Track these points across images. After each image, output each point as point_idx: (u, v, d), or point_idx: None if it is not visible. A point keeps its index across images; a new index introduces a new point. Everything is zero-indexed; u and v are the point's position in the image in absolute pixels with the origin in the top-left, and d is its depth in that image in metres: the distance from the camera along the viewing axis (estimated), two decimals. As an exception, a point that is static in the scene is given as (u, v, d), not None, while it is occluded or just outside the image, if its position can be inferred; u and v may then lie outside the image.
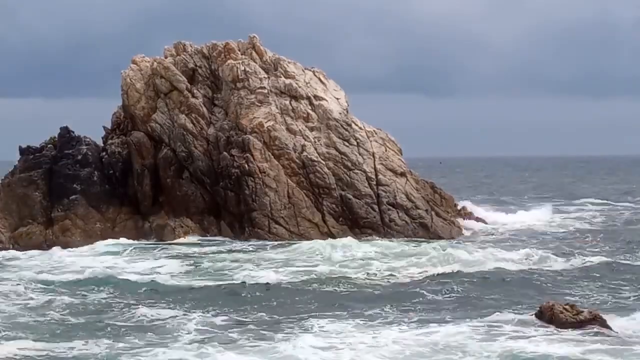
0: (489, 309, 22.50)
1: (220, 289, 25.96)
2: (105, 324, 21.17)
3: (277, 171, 37.95)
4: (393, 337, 19.44)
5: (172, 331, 20.31)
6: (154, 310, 22.57)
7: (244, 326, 20.78)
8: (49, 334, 20.26)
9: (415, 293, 24.88)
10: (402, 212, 38.66)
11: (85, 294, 25.28)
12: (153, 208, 39.03)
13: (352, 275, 28.17)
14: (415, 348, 18.56)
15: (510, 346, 18.52)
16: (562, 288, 25.61)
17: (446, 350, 18.45)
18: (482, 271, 28.41)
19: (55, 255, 34.07)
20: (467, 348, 18.47)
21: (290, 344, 18.62)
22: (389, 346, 18.68)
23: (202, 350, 18.30)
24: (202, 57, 41.07)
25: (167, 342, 19.33)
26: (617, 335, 19.19)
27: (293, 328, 20.52)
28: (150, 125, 39.74)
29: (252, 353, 18.17)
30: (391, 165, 39.99)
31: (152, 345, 18.96)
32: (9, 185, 39.27)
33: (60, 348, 18.92)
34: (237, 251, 33.86)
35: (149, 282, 27.30)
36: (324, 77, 42.02)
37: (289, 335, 19.60)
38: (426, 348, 18.56)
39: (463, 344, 18.76)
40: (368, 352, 18.21)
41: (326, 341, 19.05)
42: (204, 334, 19.96)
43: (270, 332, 20.00)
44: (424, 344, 18.81)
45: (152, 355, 18.14)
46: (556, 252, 32.59)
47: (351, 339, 19.21)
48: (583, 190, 73.93)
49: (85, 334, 20.09)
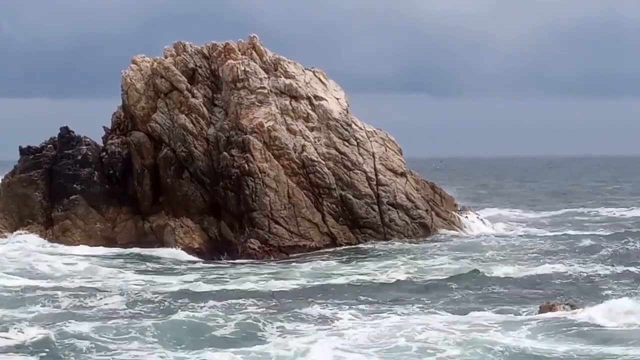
0: (488, 306, 22.55)
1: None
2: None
3: (277, 171, 37.96)
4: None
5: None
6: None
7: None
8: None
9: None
10: (402, 212, 38.69)
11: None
12: (153, 208, 39.04)
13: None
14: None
15: (510, 344, 18.54)
16: (563, 288, 25.63)
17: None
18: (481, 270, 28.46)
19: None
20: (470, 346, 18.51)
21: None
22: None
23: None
24: (202, 57, 41.07)
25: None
26: (616, 334, 19.22)
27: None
28: (150, 125, 39.74)
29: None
30: (391, 165, 40.01)
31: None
32: (9, 186, 39.31)
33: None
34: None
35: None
36: (324, 77, 42.03)
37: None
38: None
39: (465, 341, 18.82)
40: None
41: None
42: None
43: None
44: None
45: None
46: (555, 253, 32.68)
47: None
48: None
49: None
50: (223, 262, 34.61)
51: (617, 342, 18.48)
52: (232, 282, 28.56)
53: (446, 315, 21.74)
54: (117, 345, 18.89)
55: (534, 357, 17.77)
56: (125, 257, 34.74)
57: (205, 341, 19.34)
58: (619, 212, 52.86)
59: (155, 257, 34.85)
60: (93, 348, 18.59)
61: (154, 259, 34.58)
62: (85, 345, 18.68)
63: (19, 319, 21.52)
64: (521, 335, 19.19)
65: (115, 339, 19.36)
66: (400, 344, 18.71)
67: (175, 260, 34.53)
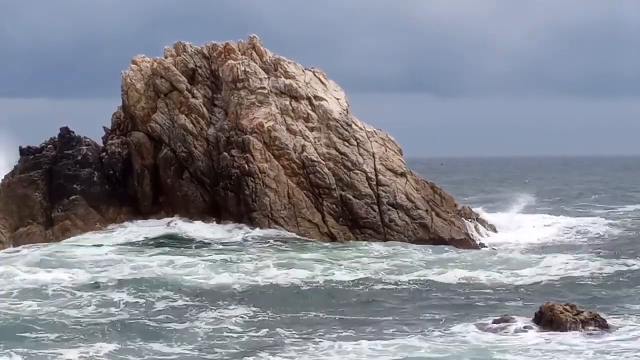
0: (488, 308, 22.52)
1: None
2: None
3: (277, 171, 37.94)
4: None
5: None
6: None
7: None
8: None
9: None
10: (402, 213, 38.65)
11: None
12: (153, 208, 39.03)
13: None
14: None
15: (510, 345, 18.54)
16: (563, 288, 25.62)
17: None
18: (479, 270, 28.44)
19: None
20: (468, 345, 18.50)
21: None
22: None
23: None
24: (202, 58, 41.05)
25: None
26: (616, 335, 19.19)
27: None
28: (150, 126, 39.73)
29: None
30: (391, 165, 39.98)
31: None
32: (8, 186, 39.27)
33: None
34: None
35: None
36: (324, 77, 42.00)
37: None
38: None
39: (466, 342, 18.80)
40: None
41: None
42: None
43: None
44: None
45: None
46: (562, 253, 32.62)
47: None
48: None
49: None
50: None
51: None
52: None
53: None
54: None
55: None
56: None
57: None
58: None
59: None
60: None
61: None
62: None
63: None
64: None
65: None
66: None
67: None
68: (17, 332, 20.26)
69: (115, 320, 21.49)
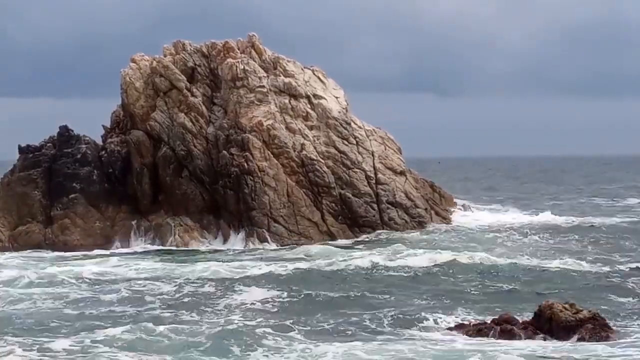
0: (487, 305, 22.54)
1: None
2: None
3: (276, 170, 37.95)
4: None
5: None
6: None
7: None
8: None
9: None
10: (402, 211, 38.69)
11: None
12: (152, 207, 39.02)
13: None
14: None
15: (508, 344, 18.55)
16: (563, 287, 25.59)
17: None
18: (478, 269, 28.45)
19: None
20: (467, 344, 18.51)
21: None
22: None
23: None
24: (202, 56, 41.05)
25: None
26: (616, 335, 19.19)
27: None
28: (149, 124, 39.73)
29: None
30: (390, 164, 40.01)
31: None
32: (8, 184, 39.27)
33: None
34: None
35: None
36: (323, 75, 42.01)
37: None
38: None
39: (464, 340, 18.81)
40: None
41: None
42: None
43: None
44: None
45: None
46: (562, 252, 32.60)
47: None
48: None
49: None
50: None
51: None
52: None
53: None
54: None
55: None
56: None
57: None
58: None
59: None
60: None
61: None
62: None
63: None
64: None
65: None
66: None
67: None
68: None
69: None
